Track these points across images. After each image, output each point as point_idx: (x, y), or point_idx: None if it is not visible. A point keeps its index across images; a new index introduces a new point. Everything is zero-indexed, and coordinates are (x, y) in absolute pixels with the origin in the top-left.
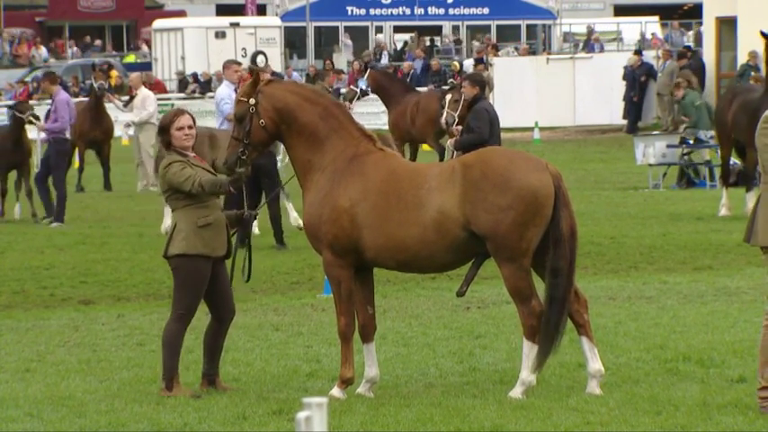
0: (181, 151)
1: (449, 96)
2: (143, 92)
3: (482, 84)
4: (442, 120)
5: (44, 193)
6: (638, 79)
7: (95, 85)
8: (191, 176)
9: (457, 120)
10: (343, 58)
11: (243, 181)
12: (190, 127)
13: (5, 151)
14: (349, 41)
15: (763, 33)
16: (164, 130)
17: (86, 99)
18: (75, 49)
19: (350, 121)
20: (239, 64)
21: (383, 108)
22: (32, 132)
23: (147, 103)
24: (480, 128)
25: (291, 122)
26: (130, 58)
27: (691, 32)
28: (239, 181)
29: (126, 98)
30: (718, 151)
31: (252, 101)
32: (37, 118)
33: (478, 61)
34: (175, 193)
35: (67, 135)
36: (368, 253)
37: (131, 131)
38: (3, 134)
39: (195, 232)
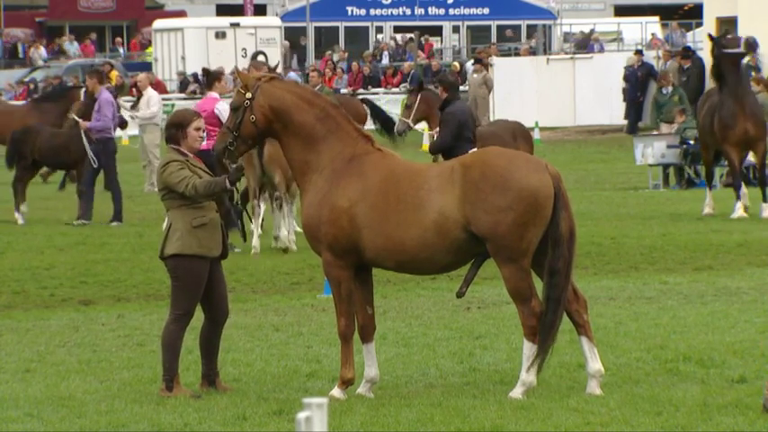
0: (183, 151)
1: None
2: (149, 92)
3: (453, 85)
4: (395, 128)
5: (91, 194)
6: (638, 79)
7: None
8: (185, 178)
9: (412, 126)
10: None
11: (240, 175)
12: (203, 129)
13: (78, 151)
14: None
15: (710, 36)
16: (181, 127)
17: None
18: (74, 45)
19: (347, 121)
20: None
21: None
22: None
23: (150, 104)
24: (443, 134)
25: (288, 122)
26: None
27: (689, 33)
28: (238, 173)
29: (129, 99)
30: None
31: (248, 94)
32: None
33: (478, 61)
34: (171, 193)
35: (113, 134)
36: (367, 253)
37: (136, 131)
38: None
39: (190, 232)
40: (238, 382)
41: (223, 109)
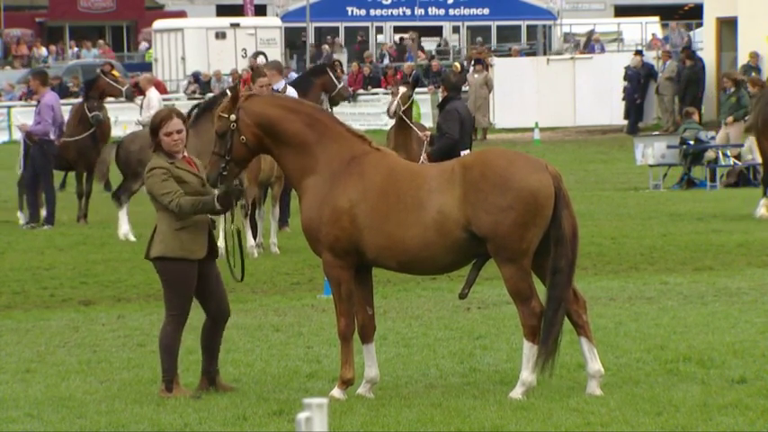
0: (169, 153)
1: (402, 89)
2: (150, 93)
3: (455, 86)
4: (392, 108)
5: (33, 196)
6: (639, 80)
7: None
8: (170, 193)
9: (401, 111)
10: (344, 57)
11: (239, 196)
12: (179, 132)
13: (87, 151)
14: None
15: None
16: (152, 133)
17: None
18: (75, 49)
19: (337, 123)
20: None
21: (382, 109)
22: (17, 133)
23: (150, 105)
24: (450, 129)
25: (277, 135)
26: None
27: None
28: (228, 197)
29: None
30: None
31: (232, 117)
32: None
33: (478, 62)
34: None
35: (52, 136)
36: (369, 253)
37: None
38: (83, 137)
39: (173, 235)
40: (238, 383)
41: None
